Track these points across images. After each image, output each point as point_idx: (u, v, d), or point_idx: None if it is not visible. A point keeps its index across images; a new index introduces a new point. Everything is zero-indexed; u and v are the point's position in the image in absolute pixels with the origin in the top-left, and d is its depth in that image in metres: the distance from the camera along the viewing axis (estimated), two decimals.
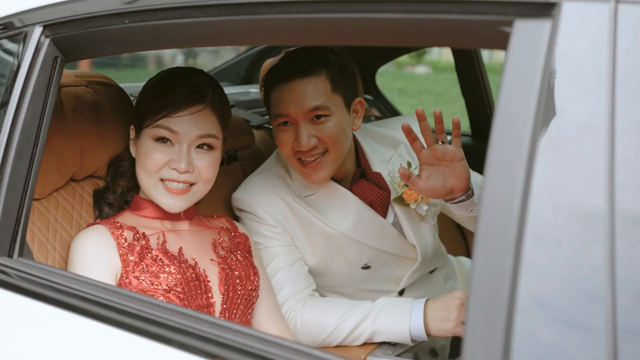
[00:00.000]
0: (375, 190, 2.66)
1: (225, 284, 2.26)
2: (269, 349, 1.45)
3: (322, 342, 2.49)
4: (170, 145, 2.22)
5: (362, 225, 2.65)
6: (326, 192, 2.65)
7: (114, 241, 2.18)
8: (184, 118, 2.20)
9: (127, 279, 2.14)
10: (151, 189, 2.25)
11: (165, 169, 2.21)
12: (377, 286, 2.71)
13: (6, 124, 1.90)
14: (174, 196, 2.23)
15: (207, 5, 1.61)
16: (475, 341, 1.18)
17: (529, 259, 1.15)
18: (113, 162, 2.44)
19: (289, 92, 2.49)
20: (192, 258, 2.26)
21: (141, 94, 2.33)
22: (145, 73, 16.40)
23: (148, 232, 2.25)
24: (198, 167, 2.22)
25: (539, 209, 1.16)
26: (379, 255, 2.68)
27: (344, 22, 1.48)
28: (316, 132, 2.48)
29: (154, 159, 2.21)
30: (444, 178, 2.28)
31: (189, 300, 2.16)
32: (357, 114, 2.61)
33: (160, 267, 2.16)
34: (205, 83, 2.29)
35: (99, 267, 2.14)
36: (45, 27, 1.93)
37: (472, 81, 4.44)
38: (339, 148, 2.53)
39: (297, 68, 2.48)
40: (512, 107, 1.20)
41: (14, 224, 1.90)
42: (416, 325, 2.42)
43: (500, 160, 1.19)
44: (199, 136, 2.22)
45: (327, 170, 2.54)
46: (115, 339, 1.63)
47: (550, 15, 1.20)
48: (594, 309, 1.11)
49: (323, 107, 2.47)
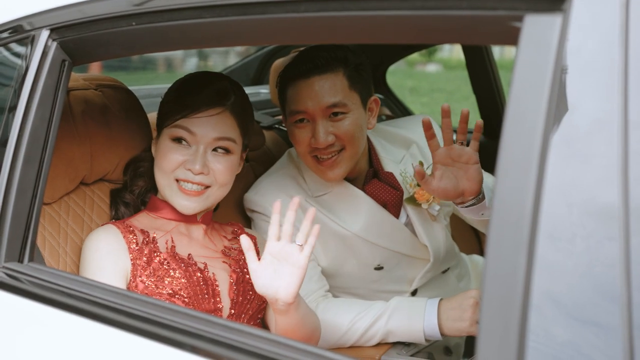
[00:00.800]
0: (388, 190, 2.65)
1: (236, 289, 2.25)
2: (280, 350, 1.44)
3: (336, 343, 2.49)
4: (187, 146, 2.22)
5: (375, 226, 2.64)
6: (339, 192, 2.64)
7: (126, 244, 2.19)
8: (203, 119, 2.20)
9: (134, 282, 2.14)
10: (166, 189, 2.25)
11: (180, 170, 2.22)
12: (389, 287, 2.70)
13: (14, 129, 1.90)
14: (188, 197, 2.22)
15: (214, 6, 1.60)
16: (490, 340, 1.17)
17: (542, 257, 1.14)
18: (132, 163, 2.44)
19: (307, 89, 2.48)
20: (202, 262, 2.25)
21: (166, 95, 2.34)
22: (155, 76, 16.45)
23: (159, 235, 2.25)
24: (214, 169, 2.22)
25: (552, 206, 1.15)
26: (391, 256, 2.67)
27: (353, 20, 1.47)
28: (334, 129, 2.47)
29: (170, 159, 2.22)
30: (457, 180, 2.27)
31: (195, 305, 2.16)
32: (372, 113, 2.61)
33: (165, 271, 2.16)
34: (228, 87, 2.29)
35: (111, 267, 2.15)
36: (52, 30, 1.92)
37: (483, 78, 4.43)
38: (356, 146, 2.52)
39: (315, 64, 2.47)
40: (523, 104, 1.19)
41: (23, 229, 1.90)
42: (430, 324, 2.41)
43: (512, 157, 1.18)
44: (216, 138, 2.22)
45: (342, 168, 2.53)
46: (126, 343, 1.62)
47: (561, 10, 1.18)
48: (609, 306, 1.10)
49: (341, 104, 2.47)
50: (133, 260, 2.17)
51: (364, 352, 2.46)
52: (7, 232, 1.87)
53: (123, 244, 2.19)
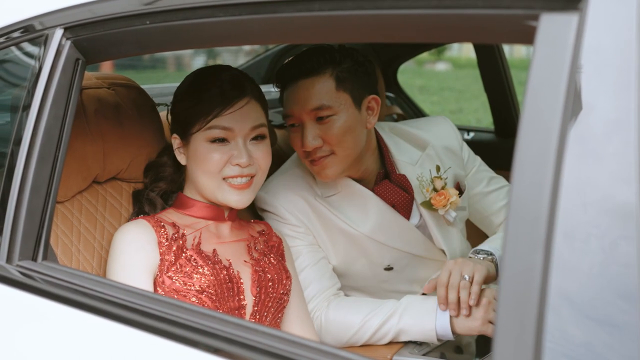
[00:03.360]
0: (398, 192, 2.65)
1: (258, 286, 2.26)
2: (294, 350, 1.44)
3: (348, 342, 2.49)
4: (226, 144, 2.24)
5: (384, 227, 2.64)
6: (347, 192, 2.64)
7: (157, 238, 2.20)
8: (235, 114, 2.23)
9: (161, 277, 2.16)
10: (215, 191, 2.26)
11: (227, 167, 2.23)
12: (401, 287, 2.70)
13: (28, 127, 1.90)
14: (239, 192, 2.25)
15: (228, 5, 1.60)
16: (506, 340, 1.16)
17: (559, 256, 1.13)
18: (153, 168, 2.45)
19: (293, 93, 2.51)
20: (226, 259, 2.26)
21: (178, 102, 2.34)
22: (165, 74, 16.48)
23: (189, 232, 2.27)
24: (256, 158, 2.26)
25: (569, 205, 1.14)
26: (402, 256, 2.67)
27: (367, 19, 1.46)
28: (321, 132, 2.48)
29: (214, 160, 2.23)
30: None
31: (221, 302, 2.17)
32: (372, 112, 2.59)
33: (194, 268, 2.17)
34: (240, 75, 2.31)
35: (141, 262, 2.17)
36: (66, 29, 1.92)
37: (495, 77, 4.42)
38: (346, 148, 2.51)
39: (301, 69, 2.50)
40: (539, 103, 1.18)
41: (37, 228, 1.90)
42: (442, 324, 2.40)
43: (528, 156, 1.18)
44: (252, 128, 2.25)
45: (333, 169, 2.53)
46: (141, 342, 1.62)
47: (577, 9, 1.18)
48: (625, 306, 1.09)
49: (325, 107, 2.47)
50: (162, 255, 2.18)
51: (376, 351, 2.46)
52: (21, 231, 1.88)
53: (154, 239, 2.20)
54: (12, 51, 2.11)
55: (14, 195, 1.89)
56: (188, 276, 2.16)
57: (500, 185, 2.86)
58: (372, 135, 2.64)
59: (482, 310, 2.36)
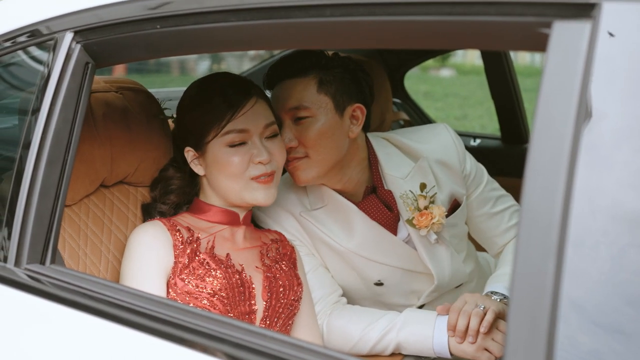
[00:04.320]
0: (382, 210, 2.60)
1: (269, 292, 2.27)
2: (302, 355, 1.44)
3: (349, 352, 2.46)
4: (243, 145, 2.26)
5: (370, 242, 2.60)
6: (333, 206, 2.60)
7: (172, 241, 2.21)
8: (246, 115, 2.26)
9: (174, 279, 2.17)
10: (243, 192, 2.28)
11: (251, 167, 2.26)
12: (396, 300, 2.67)
13: (38, 131, 1.90)
14: (266, 187, 2.28)
15: (240, 10, 1.60)
16: (517, 347, 1.16)
17: (570, 264, 1.13)
18: (161, 181, 2.45)
19: (277, 93, 2.52)
20: (239, 264, 2.27)
21: (185, 114, 2.36)
22: (169, 79, 16.50)
23: (203, 235, 2.28)
24: (274, 154, 2.30)
25: (578, 213, 1.14)
26: (391, 271, 2.63)
27: (378, 25, 1.47)
28: (297, 133, 2.46)
29: (237, 162, 2.25)
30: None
31: (232, 305, 2.18)
32: (357, 121, 2.53)
33: (206, 271, 2.18)
34: (241, 79, 2.35)
35: (156, 263, 2.18)
36: (76, 33, 1.93)
37: (502, 83, 4.42)
38: (321, 152, 2.47)
39: (286, 70, 2.51)
40: (552, 110, 1.18)
41: (46, 231, 1.90)
42: (440, 342, 2.37)
43: (540, 164, 1.18)
44: (265, 126, 2.29)
45: (306, 172, 2.49)
46: (148, 346, 1.63)
47: (590, 16, 1.18)
48: (633, 313, 1.10)
49: (303, 108, 2.45)
50: (176, 258, 2.19)
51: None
52: (30, 234, 1.88)
53: (169, 241, 2.22)
54: (21, 55, 2.12)
55: (23, 199, 1.90)
56: (201, 279, 2.17)
57: (506, 206, 2.78)
58: (359, 145, 2.59)
59: (480, 337, 2.33)
